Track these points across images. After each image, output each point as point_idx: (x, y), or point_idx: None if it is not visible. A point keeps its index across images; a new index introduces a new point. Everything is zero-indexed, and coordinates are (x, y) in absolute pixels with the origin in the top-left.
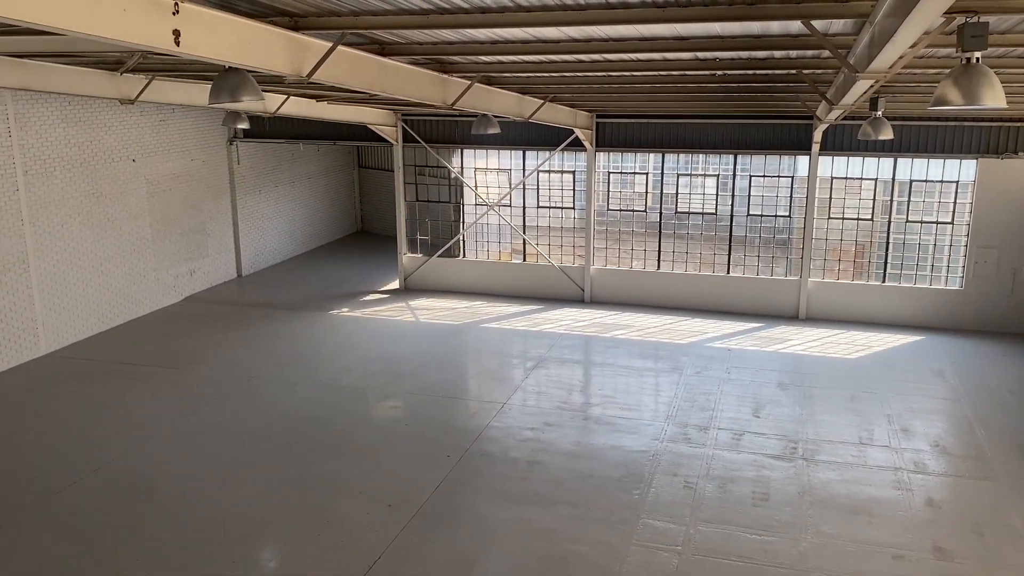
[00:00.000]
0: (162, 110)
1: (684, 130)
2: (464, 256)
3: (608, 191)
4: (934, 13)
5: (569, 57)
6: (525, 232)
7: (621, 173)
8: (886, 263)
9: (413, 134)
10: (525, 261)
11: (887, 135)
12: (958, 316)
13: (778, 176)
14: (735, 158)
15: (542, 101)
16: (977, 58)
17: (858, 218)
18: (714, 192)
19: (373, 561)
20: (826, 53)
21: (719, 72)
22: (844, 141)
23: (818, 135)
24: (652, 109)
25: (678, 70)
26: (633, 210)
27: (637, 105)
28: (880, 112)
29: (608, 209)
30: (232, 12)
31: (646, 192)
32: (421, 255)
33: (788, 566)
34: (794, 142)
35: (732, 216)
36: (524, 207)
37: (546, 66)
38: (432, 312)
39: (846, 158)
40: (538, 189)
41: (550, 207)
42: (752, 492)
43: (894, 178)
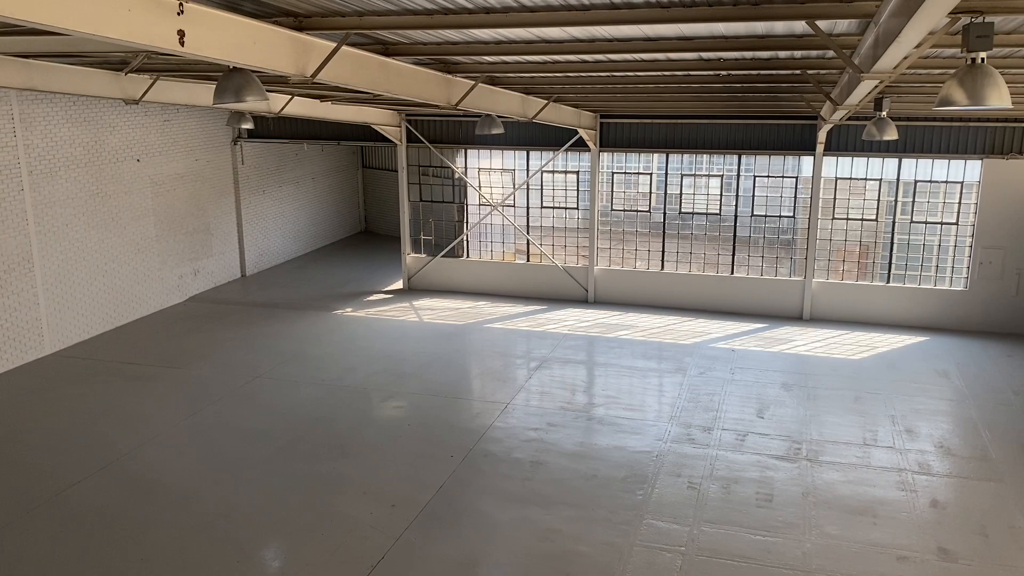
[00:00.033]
0: (166, 110)
1: (688, 130)
2: (468, 256)
3: (612, 191)
4: (939, 13)
5: (573, 57)
6: (529, 232)
7: (625, 173)
8: (890, 264)
9: (417, 134)
10: (529, 261)
11: (892, 135)
12: (963, 317)
13: (782, 176)
14: (739, 158)
15: (546, 101)
16: (982, 58)
17: (862, 219)
18: (718, 192)
19: (377, 561)
20: (831, 53)
21: (723, 72)
22: (849, 141)
23: (822, 135)
24: (656, 109)
25: (682, 70)
26: (637, 210)
27: (641, 105)
28: (885, 112)
29: (612, 209)
30: (236, 12)
31: (650, 192)
32: (425, 255)
33: (792, 567)
34: (798, 142)
35: (736, 216)
36: (528, 207)
37: (550, 66)
38: (436, 312)
39: (850, 158)
40: (542, 189)
41: (554, 207)
42: (756, 493)
43: (899, 178)
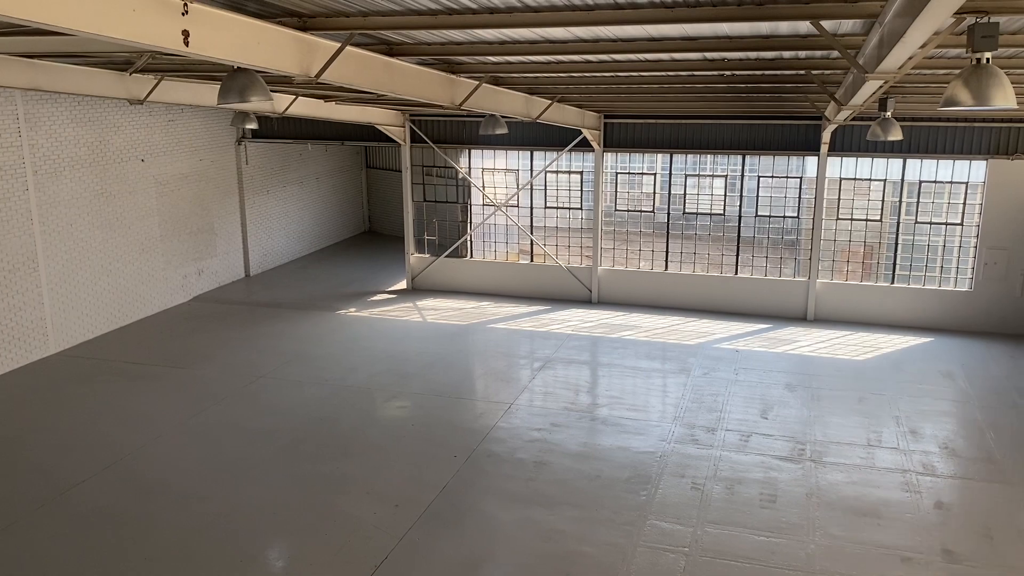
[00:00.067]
0: (171, 110)
1: (692, 130)
2: (471, 256)
3: (616, 191)
4: (944, 13)
5: (577, 57)
6: (532, 232)
7: (629, 173)
8: (895, 264)
9: (421, 134)
10: (532, 262)
11: (896, 136)
12: (967, 318)
13: (786, 177)
14: (743, 159)
15: (550, 101)
16: (987, 59)
17: (867, 219)
18: (722, 193)
19: (380, 561)
20: (835, 53)
21: (727, 72)
22: (853, 142)
23: (827, 136)
24: (660, 109)
25: (686, 70)
26: (641, 211)
27: (645, 105)
28: (889, 113)
29: (616, 210)
30: (241, 12)
31: (654, 193)
32: (428, 255)
33: (796, 568)
34: (803, 143)
35: (740, 217)
36: (532, 207)
37: (554, 66)
38: (439, 312)
39: (855, 159)
40: (545, 189)
41: (557, 207)
42: (760, 494)
43: (903, 179)
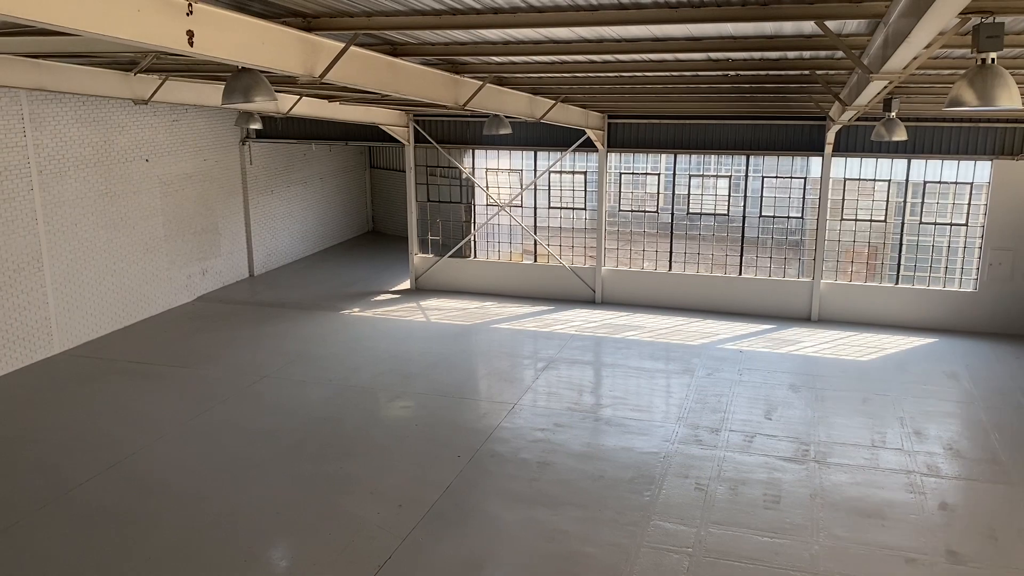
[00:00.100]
0: (175, 110)
1: (696, 131)
2: (475, 257)
3: (620, 192)
4: (949, 13)
5: (581, 58)
6: (536, 233)
7: (633, 174)
8: (899, 265)
9: (425, 135)
10: (536, 262)
11: (901, 136)
12: (972, 318)
13: (791, 177)
14: (747, 159)
15: (554, 102)
16: (992, 59)
17: (871, 219)
18: (726, 193)
19: (384, 561)
20: (840, 54)
21: (732, 73)
22: (857, 142)
23: (831, 136)
24: (664, 110)
25: (690, 71)
26: (645, 211)
27: (649, 106)
28: (894, 113)
29: (620, 210)
30: (245, 13)
31: (658, 193)
32: (432, 255)
33: (800, 569)
34: (807, 143)
35: (744, 217)
36: (535, 208)
37: (558, 67)
38: (443, 312)
39: (859, 159)
40: (549, 190)
41: (561, 208)
42: (763, 494)
43: (908, 179)
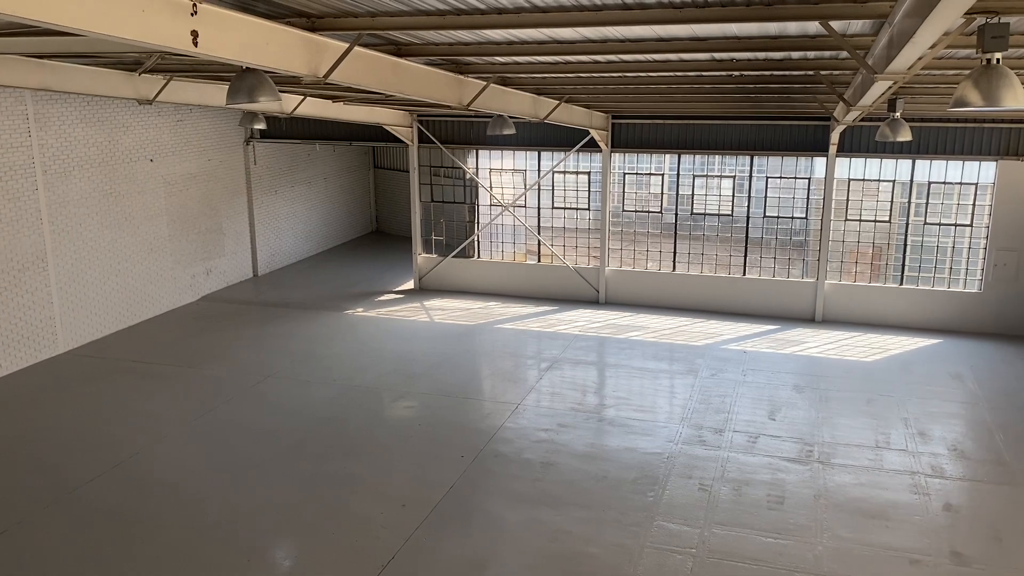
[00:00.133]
0: (179, 110)
1: (700, 131)
2: (479, 257)
3: (623, 192)
4: (954, 14)
5: (585, 58)
6: (540, 233)
7: (636, 174)
8: (904, 265)
9: (428, 135)
10: (540, 262)
11: (905, 136)
12: (977, 319)
13: (795, 177)
14: (751, 159)
15: (558, 102)
16: (997, 59)
17: (875, 220)
18: (730, 193)
19: (387, 561)
20: (844, 54)
21: (736, 73)
22: (862, 142)
23: (835, 136)
24: (668, 110)
25: (695, 71)
26: (648, 211)
27: (653, 106)
28: (898, 113)
29: (623, 210)
30: (249, 13)
31: (662, 193)
32: (436, 255)
33: (803, 570)
34: (811, 143)
35: (748, 218)
36: (539, 208)
37: (562, 67)
38: (446, 312)
39: (864, 160)
40: (553, 190)
41: (565, 208)
42: (767, 495)
43: (912, 180)
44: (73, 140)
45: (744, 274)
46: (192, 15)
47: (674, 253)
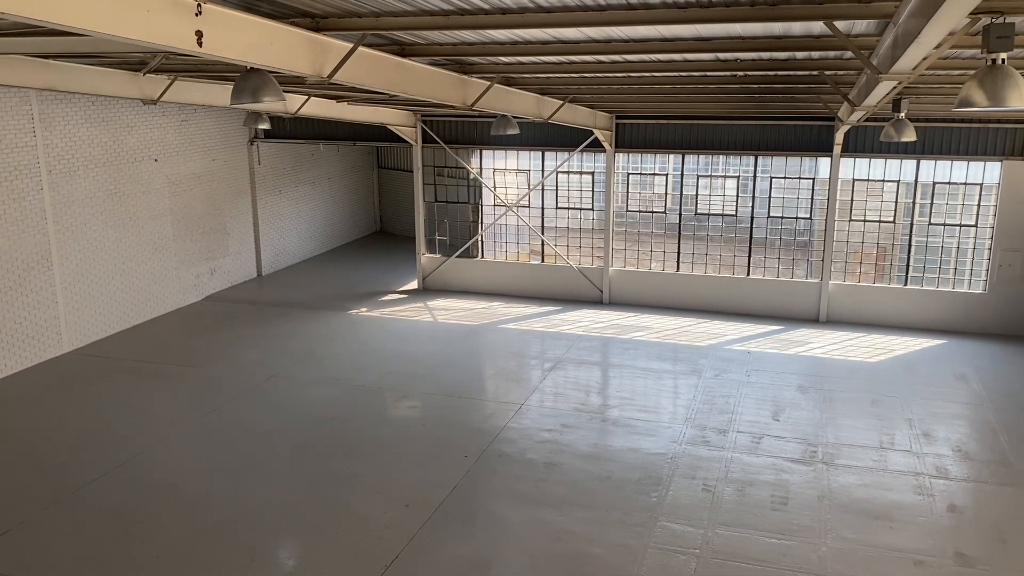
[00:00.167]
0: (184, 110)
1: (704, 131)
2: (482, 257)
3: (627, 192)
4: (959, 14)
5: (589, 58)
6: (544, 233)
7: (640, 174)
8: (908, 266)
9: (432, 135)
10: (543, 262)
11: (910, 137)
12: (981, 320)
13: (799, 178)
14: (756, 159)
15: (561, 102)
16: (1003, 59)
17: (880, 220)
18: (734, 193)
19: (391, 561)
20: (849, 54)
21: (740, 73)
22: (866, 143)
23: (840, 136)
24: (672, 110)
25: (699, 71)
26: (652, 211)
27: (657, 106)
28: (903, 113)
29: (627, 210)
30: (254, 13)
31: (665, 193)
32: (439, 255)
33: (807, 571)
34: (815, 143)
35: (752, 218)
36: (543, 208)
37: (566, 67)
38: (450, 312)
39: (868, 160)
40: (557, 190)
41: (569, 208)
42: (771, 496)
43: (917, 180)
44: (77, 140)
45: (748, 274)
46: (197, 15)
47: (678, 253)
